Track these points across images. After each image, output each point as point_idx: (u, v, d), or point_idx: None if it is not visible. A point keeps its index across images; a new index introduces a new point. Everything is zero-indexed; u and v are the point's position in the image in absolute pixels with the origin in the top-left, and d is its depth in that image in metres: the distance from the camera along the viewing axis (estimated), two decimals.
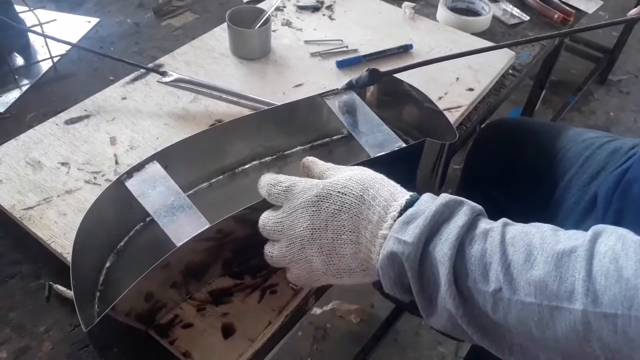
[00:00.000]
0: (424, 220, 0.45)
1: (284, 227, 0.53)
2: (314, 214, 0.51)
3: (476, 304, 0.43)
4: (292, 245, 0.52)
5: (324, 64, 0.94)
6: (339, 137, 0.79)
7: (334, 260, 0.51)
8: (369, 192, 0.49)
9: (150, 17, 1.07)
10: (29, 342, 0.58)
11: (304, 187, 0.52)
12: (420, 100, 0.75)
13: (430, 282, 0.45)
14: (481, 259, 0.43)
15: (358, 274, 0.51)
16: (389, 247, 0.46)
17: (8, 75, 0.90)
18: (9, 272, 0.64)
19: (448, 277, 0.43)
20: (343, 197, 0.50)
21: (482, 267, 0.42)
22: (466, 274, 0.43)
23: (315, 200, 0.51)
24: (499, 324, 0.42)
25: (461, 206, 0.46)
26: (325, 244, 0.50)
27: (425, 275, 0.45)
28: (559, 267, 0.40)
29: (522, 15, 1.11)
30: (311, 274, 0.53)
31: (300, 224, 0.51)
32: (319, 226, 0.50)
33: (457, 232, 0.44)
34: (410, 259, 0.44)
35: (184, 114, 0.83)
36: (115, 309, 0.50)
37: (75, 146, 0.76)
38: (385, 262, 0.46)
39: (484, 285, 0.42)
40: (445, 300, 0.43)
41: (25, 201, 0.68)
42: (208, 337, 0.57)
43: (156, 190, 0.61)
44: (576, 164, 0.84)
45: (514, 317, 0.41)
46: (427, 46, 0.98)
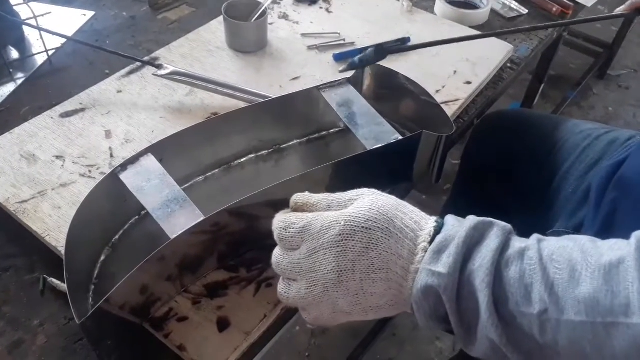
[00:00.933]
0: (455, 248, 0.42)
1: (302, 269, 0.47)
2: (339, 255, 0.46)
3: (520, 329, 0.41)
4: (313, 288, 0.47)
5: (320, 57, 0.93)
6: (336, 131, 0.79)
7: (362, 300, 0.47)
8: (395, 223, 0.46)
9: (146, 10, 1.07)
10: (23, 335, 0.58)
11: (322, 225, 0.47)
12: (417, 93, 0.74)
13: (469, 312, 0.42)
14: (521, 281, 0.40)
15: (385, 310, 0.48)
16: (424, 281, 0.43)
17: (3, 69, 0.89)
18: (3, 265, 0.64)
19: (488, 305, 0.40)
20: (369, 232, 0.45)
21: (524, 289, 0.40)
22: (507, 298, 0.41)
23: (339, 239, 0.46)
24: (547, 346, 0.40)
25: (491, 228, 0.44)
26: (352, 286, 0.46)
27: (464, 305, 0.43)
28: (608, 281, 0.38)
29: (520, 8, 1.11)
30: (333, 315, 0.48)
31: (324, 266, 0.46)
32: (345, 267, 0.46)
33: (491, 256, 0.41)
34: (448, 290, 0.42)
35: (179, 107, 0.82)
36: (109, 301, 0.50)
37: (70, 139, 0.76)
38: (421, 296, 0.44)
39: (527, 307, 0.40)
40: (487, 329, 0.41)
41: (19, 194, 0.68)
42: (203, 331, 0.57)
43: (151, 184, 0.61)
44: (574, 154, 0.84)
45: (565, 338, 0.39)
46: (425, 39, 0.97)
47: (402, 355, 1.42)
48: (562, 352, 0.40)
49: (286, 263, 0.48)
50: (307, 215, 0.49)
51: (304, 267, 0.47)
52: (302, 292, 0.48)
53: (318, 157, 0.75)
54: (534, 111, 1.13)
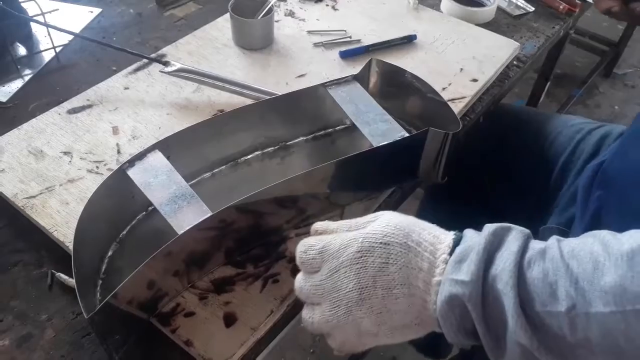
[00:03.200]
0: (476, 255, 0.42)
1: (324, 290, 0.47)
2: (359, 272, 0.46)
3: (550, 329, 0.39)
4: (337, 309, 0.47)
5: (327, 54, 0.93)
6: (342, 128, 0.79)
7: (386, 318, 0.46)
8: (412, 237, 0.46)
9: (153, 7, 1.07)
10: (32, 330, 0.58)
11: (341, 244, 0.47)
12: (424, 90, 0.74)
13: (496, 319, 0.41)
14: (545, 280, 0.40)
15: (412, 329, 0.47)
16: (447, 291, 0.42)
17: (10, 65, 0.90)
18: (11, 260, 0.64)
19: (515, 308, 0.40)
20: (387, 247, 0.45)
21: (549, 287, 0.39)
22: (532, 299, 0.40)
23: (359, 256, 0.46)
24: (580, 345, 0.39)
25: (510, 232, 0.44)
26: (375, 303, 0.46)
27: (490, 312, 0.42)
28: (632, 267, 0.37)
29: (527, 6, 1.11)
30: (360, 338, 0.48)
31: (345, 284, 0.46)
32: (366, 284, 0.45)
33: (513, 258, 0.41)
34: (472, 298, 0.41)
35: (186, 104, 0.82)
36: (116, 296, 0.50)
37: (78, 135, 0.76)
38: (445, 308, 0.43)
39: (555, 306, 0.39)
40: (516, 334, 0.40)
41: (27, 190, 0.68)
42: (210, 326, 0.57)
43: (158, 179, 0.61)
44: (569, 148, 0.85)
45: (597, 332, 0.38)
46: (431, 37, 0.97)
47: (406, 353, 1.42)
48: (595, 349, 0.39)
49: (308, 286, 0.49)
50: (326, 236, 0.49)
51: (325, 288, 0.47)
52: (325, 315, 0.48)
53: (324, 154, 0.76)
54: (519, 106, 1.14)
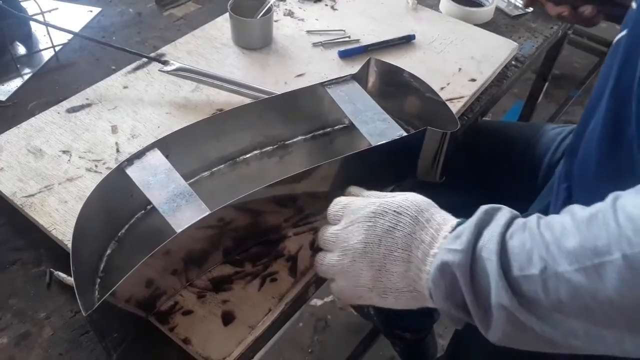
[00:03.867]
0: (468, 229, 0.46)
1: (338, 239, 0.54)
2: (368, 229, 0.51)
3: (528, 294, 0.42)
4: (343, 257, 0.53)
5: (326, 54, 0.93)
6: (341, 127, 0.79)
7: (383, 277, 0.51)
8: (424, 214, 0.51)
9: (152, 6, 1.07)
10: (30, 328, 0.58)
11: (361, 204, 0.54)
12: (422, 90, 0.74)
13: (483, 287, 0.45)
14: (522, 248, 0.43)
15: (405, 295, 0.51)
16: (439, 259, 0.46)
17: (10, 64, 0.90)
18: (10, 258, 0.64)
19: (498, 271, 0.43)
20: (398, 216, 0.51)
21: (525, 254, 0.43)
22: (512, 265, 0.43)
23: (372, 216, 0.52)
24: (554, 309, 0.42)
25: (500, 210, 0.48)
26: (376, 259, 0.51)
27: (477, 280, 0.45)
28: (590, 229, 0.41)
29: None
30: (356, 288, 0.53)
31: (354, 237, 0.52)
32: (372, 241, 0.51)
33: (499, 230, 0.45)
34: (461, 265, 0.44)
35: (185, 103, 0.82)
36: (115, 294, 0.50)
37: (77, 134, 0.76)
38: (437, 274, 0.46)
39: (530, 269, 0.42)
40: (499, 295, 0.43)
41: (26, 189, 0.69)
42: (208, 324, 0.58)
43: (157, 178, 0.61)
44: (552, 147, 0.86)
45: (566, 292, 0.41)
46: (430, 37, 0.98)
47: None
48: (568, 312, 0.41)
49: (327, 234, 0.55)
50: (353, 197, 0.57)
51: (339, 237, 0.54)
52: (333, 260, 0.54)
53: (323, 153, 0.76)
54: (502, 121, 1.18)
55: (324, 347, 1.45)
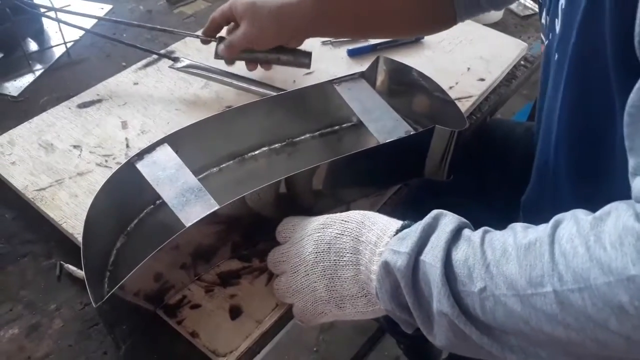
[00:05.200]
0: (415, 233, 0.47)
1: (289, 257, 0.55)
2: (318, 239, 0.53)
3: (467, 309, 0.44)
4: (296, 274, 0.54)
5: (334, 52, 0.94)
6: (349, 125, 0.79)
7: (337, 284, 0.52)
8: (369, 218, 0.53)
9: (163, 4, 1.08)
10: (40, 319, 0.59)
11: (309, 220, 0.57)
12: (431, 88, 0.75)
13: (425, 292, 0.46)
14: (465, 262, 0.44)
15: (360, 301, 0.52)
16: (384, 257, 0.47)
17: (22, 60, 0.91)
18: (21, 251, 0.65)
19: (441, 279, 0.44)
20: (345, 223, 0.53)
21: (467, 269, 0.44)
22: (455, 278, 0.44)
23: (320, 227, 0.54)
24: (491, 326, 0.43)
25: (446, 216, 0.49)
26: (327, 267, 0.52)
27: (419, 284, 0.46)
28: (527, 257, 0.41)
29: (534, 6, 1.11)
30: (315, 305, 0.54)
31: (305, 250, 0.54)
32: (322, 249, 0.53)
33: (444, 238, 0.46)
34: (403, 268, 0.46)
35: (195, 99, 0.83)
36: (124, 287, 0.51)
37: (87, 130, 0.77)
38: (382, 273, 0.47)
39: (470, 286, 0.43)
40: (440, 302, 0.44)
41: (37, 182, 0.69)
42: (215, 318, 0.58)
43: (167, 173, 0.62)
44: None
45: (502, 314, 0.42)
46: (439, 36, 0.97)
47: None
48: (504, 329, 0.43)
49: (277, 255, 0.57)
50: (302, 217, 0.58)
51: (290, 254, 0.55)
52: (288, 279, 0.55)
53: (331, 151, 0.76)
54: (510, 120, 1.17)
55: (329, 346, 1.45)
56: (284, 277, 0.56)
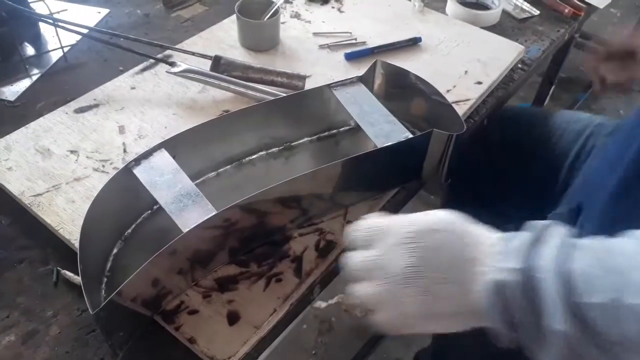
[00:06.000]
0: (521, 247, 0.44)
1: (376, 266, 0.49)
2: (412, 252, 0.47)
3: (591, 322, 0.40)
4: (386, 286, 0.48)
5: (332, 56, 0.94)
6: (346, 129, 0.79)
7: (432, 302, 0.47)
8: (465, 230, 0.48)
9: (160, 8, 1.08)
10: (37, 326, 0.59)
11: (394, 224, 0.50)
12: (428, 92, 0.75)
13: (538, 308, 0.42)
14: (584, 272, 0.41)
15: (456, 318, 0.47)
16: (493, 277, 0.44)
17: (19, 65, 0.91)
18: (17, 257, 0.65)
19: (557, 294, 0.41)
20: (444, 234, 0.47)
21: (590, 280, 0.40)
22: (574, 290, 0.41)
23: (412, 237, 0.48)
24: (617, 342, 0.40)
25: (552, 227, 0.45)
26: (422, 285, 0.47)
27: (532, 300, 0.42)
28: None
29: (532, 9, 1.11)
30: (404, 318, 0.49)
31: (395, 262, 0.48)
32: (418, 264, 0.47)
33: (555, 250, 0.43)
34: (516, 285, 0.42)
35: (192, 104, 0.83)
36: (121, 293, 0.51)
37: (85, 135, 0.77)
38: (491, 295, 0.44)
39: (595, 297, 0.40)
40: (556, 320, 0.41)
41: (34, 188, 0.69)
42: (213, 324, 0.58)
43: (164, 178, 0.61)
44: (579, 142, 0.85)
45: (633, 325, 0.38)
46: (436, 39, 0.98)
47: (409, 355, 1.42)
48: (631, 346, 0.39)
49: (359, 262, 0.50)
50: (378, 219, 0.51)
51: (377, 264, 0.48)
52: (371, 290, 0.48)
53: (328, 155, 0.76)
54: (525, 107, 1.15)
55: (328, 349, 1.45)
56: (365, 285, 0.49)
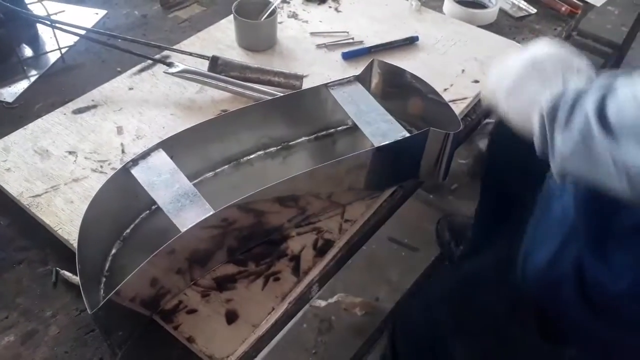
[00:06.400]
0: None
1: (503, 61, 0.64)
2: (527, 57, 0.61)
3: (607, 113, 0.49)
4: (507, 61, 0.63)
5: (329, 55, 0.94)
6: (344, 128, 0.80)
7: (520, 87, 0.60)
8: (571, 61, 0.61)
9: (157, 9, 1.08)
10: (36, 326, 0.59)
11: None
12: (425, 91, 0.75)
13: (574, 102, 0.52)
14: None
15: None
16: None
17: (17, 66, 0.91)
18: (16, 258, 0.65)
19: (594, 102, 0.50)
20: (552, 54, 0.61)
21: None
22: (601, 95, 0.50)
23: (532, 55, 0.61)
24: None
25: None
26: (523, 73, 0.60)
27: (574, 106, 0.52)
28: None
29: (529, 7, 1.11)
30: (501, 80, 0.61)
31: (515, 62, 0.62)
32: (524, 58, 0.61)
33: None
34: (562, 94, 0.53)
35: (190, 104, 0.83)
36: (119, 293, 0.51)
37: (83, 135, 0.77)
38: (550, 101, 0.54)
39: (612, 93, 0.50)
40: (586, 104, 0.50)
41: (33, 189, 0.69)
42: (212, 323, 0.58)
43: (162, 178, 0.62)
44: None
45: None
46: (433, 38, 0.98)
47: None
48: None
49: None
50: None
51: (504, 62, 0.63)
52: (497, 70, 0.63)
53: (326, 154, 0.76)
54: None
55: (327, 348, 1.45)
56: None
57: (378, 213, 0.72)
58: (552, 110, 0.53)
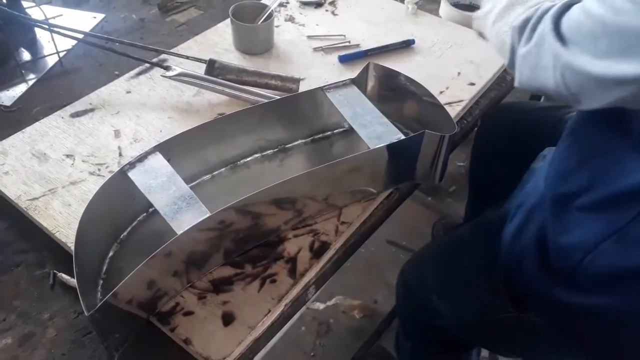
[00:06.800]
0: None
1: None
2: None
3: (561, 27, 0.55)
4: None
5: (326, 58, 0.94)
6: (340, 131, 0.80)
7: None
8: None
9: (155, 13, 1.08)
10: (34, 328, 0.59)
11: None
12: (420, 94, 0.75)
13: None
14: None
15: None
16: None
17: (15, 70, 0.91)
18: (14, 260, 0.65)
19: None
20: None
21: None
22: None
23: None
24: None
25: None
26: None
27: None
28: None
29: None
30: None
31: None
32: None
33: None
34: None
35: (187, 107, 0.84)
36: (116, 295, 0.51)
37: (80, 139, 0.77)
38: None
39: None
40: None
41: (30, 192, 0.70)
42: (208, 325, 0.58)
43: (159, 181, 0.62)
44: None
45: (588, 23, 0.51)
46: (429, 41, 0.99)
47: None
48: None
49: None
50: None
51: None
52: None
53: (322, 157, 0.77)
54: (534, 102, 1.20)
55: (326, 351, 1.45)
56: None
57: (374, 215, 0.72)
58: (522, 25, 0.59)
